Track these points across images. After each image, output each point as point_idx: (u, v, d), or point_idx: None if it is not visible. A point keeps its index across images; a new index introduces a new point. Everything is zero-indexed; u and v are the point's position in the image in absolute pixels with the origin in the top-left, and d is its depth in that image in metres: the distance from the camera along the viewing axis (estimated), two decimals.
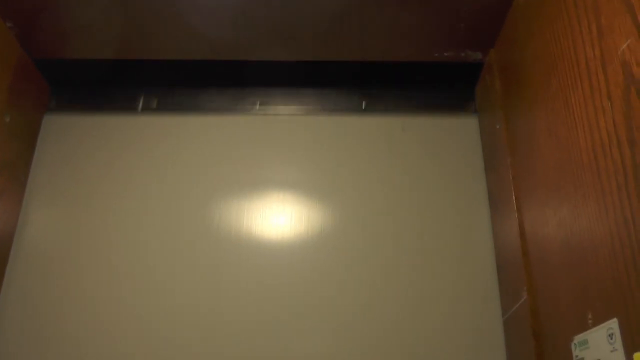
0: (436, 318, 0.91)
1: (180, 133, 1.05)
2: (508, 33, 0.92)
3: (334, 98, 1.07)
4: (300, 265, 0.95)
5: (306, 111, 1.06)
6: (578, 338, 0.65)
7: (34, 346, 0.90)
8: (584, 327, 0.63)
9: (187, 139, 1.04)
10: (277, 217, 0.98)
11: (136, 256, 0.95)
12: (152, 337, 0.90)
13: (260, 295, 0.93)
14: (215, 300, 0.92)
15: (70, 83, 1.08)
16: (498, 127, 0.93)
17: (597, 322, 0.61)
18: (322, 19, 0.93)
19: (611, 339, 0.57)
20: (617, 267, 0.57)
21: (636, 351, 0.53)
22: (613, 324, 0.57)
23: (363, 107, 1.06)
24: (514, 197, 0.86)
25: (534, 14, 0.81)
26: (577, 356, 0.65)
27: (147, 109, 1.07)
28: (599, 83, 0.61)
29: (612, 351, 0.57)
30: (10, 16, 0.92)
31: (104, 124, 1.05)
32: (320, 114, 1.06)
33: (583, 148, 0.65)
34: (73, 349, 0.89)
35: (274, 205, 0.99)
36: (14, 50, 0.95)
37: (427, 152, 1.03)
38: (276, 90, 1.08)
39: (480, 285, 0.93)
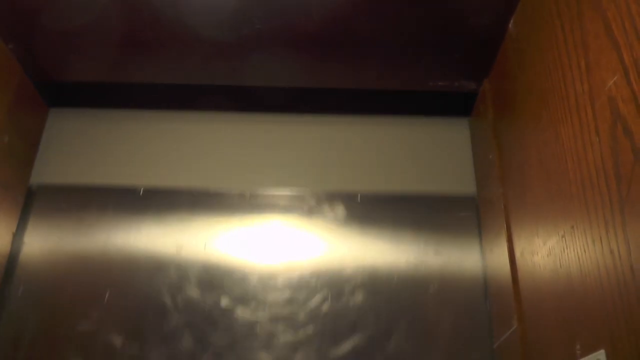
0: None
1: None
2: (501, 64, 0.94)
3: (325, 125, 1.09)
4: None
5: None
6: None
7: None
8: (573, 357, 0.64)
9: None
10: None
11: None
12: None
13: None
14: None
15: (68, 105, 1.09)
16: (491, 157, 0.95)
17: (585, 352, 0.61)
18: (317, 46, 0.94)
19: None
20: (605, 298, 0.58)
21: None
22: (600, 355, 0.57)
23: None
24: (505, 226, 0.87)
25: (526, 47, 0.83)
26: None
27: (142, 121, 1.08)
28: (588, 118, 0.63)
29: None
30: (11, 38, 0.93)
31: (101, 142, 1.06)
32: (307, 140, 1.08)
33: (572, 180, 0.66)
34: None
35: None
36: (14, 71, 0.97)
37: (419, 179, 1.04)
38: (269, 115, 1.10)
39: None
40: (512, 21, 0.88)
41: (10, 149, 0.95)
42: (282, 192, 1.02)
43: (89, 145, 1.06)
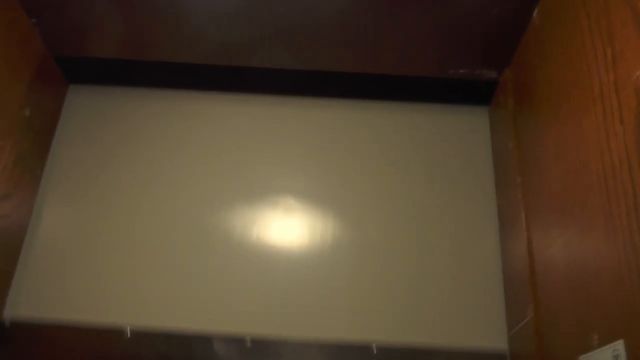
0: (443, 332, 0.92)
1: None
2: (523, 54, 0.93)
3: (343, 110, 1.08)
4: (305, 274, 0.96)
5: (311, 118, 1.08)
6: (583, 358, 0.65)
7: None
8: (589, 348, 0.64)
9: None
10: (284, 223, 0.99)
11: (147, 254, 0.96)
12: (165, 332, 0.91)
13: (267, 302, 0.94)
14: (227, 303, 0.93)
15: (88, 80, 1.09)
16: (510, 146, 0.94)
17: (602, 342, 0.61)
18: (337, 30, 0.94)
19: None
20: (624, 290, 0.57)
21: None
22: (619, 345, 0.57)
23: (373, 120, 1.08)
24: (523, 216, 0.87)
25: (549, 37, 0.82)
26: None
27: (161, 100, 1.08)
28: (612, 108, 0.62)
29: None
30: (35, 12, 0.94)
31: (121, 121, 1.07)
32: (326, 125, 1.07)
33: (593, 171, 0.66)
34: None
35: (283, 208, 1.00)
36: (36, 46, 0.97)
37: (438, 168, 1.04)
38: (284, 98, 1.09)
39: (487, 301, 0.94)
40: (536, 10, 0.87)
41: (30, 123, 0.96)
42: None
43: (108, 122, 1.07)
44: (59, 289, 0.94)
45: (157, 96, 1.09)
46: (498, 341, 0.91)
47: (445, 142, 1.06)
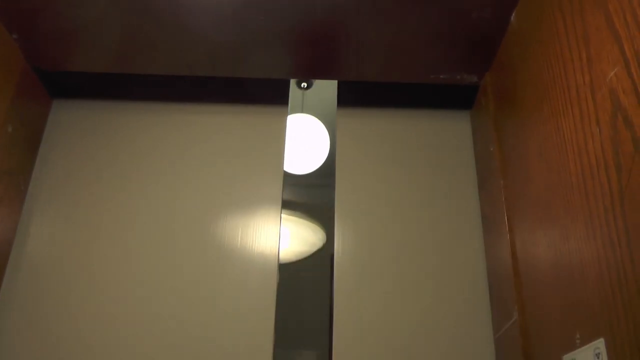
0: (428, 335, 0.92)
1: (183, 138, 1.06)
2: (503, 57, 0.94)
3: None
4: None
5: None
6: (567, 357, 0.66)
7: (30, 354, 0.90)
8: (573, 346, 0.64)
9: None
10: (276, 229, 1.00)
11: (135, 267, 0.96)
12: (146, 353, 0.91)
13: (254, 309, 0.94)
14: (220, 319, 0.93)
15: (72, 95, 1.09)
16: (491, 149, 0.95)
17: (584, 341, 0.62)
18: (320, 38, 0.95)
19: (598, 358, 0.58)
20: (604, 288, 0.58)
21: None
22: (600, 343, 0.58)
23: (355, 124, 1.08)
24: (506, 218, 0.87)
25: (528, 40, 0.83)
26: None
27: (146, 113, 1.08)
28: (589, 109, 0.63)
29: None
30: (15, 28, 0.94)
31: (106, 135, 1.07)
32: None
33: (572, 171, 0.67)
34: (69, 358, 0.90)
35: (272, 216, 1.01)
36: (18, 61, 0.97)
37: (421, 172, 1.05)
38: (271, 107, 1.10)
39: (473, 304, 0.95)
40: (514, 14, 0.89)
41: (14, 139, 0.96)
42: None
43: (92, 136, 1.07)
44: (44, 304, 0.94)
45: (141, 109, 1.09)
46: (484, 344, 0.91)
47: (428, 147, 1.07)
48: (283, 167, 1.04)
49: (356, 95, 1.08)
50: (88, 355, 0.90)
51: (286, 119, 1.09)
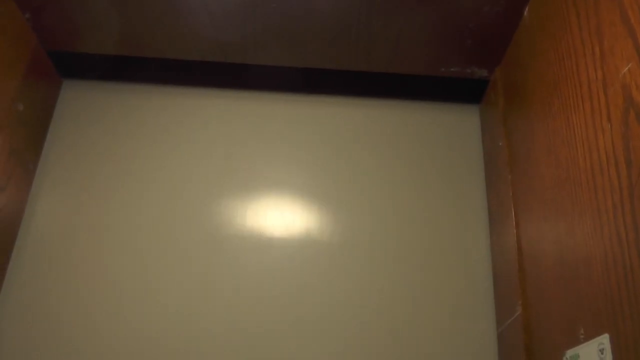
0: (431, 328, 0.93)
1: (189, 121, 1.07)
2: (514, 52, 0.94)
3: (335, 106, 1.09)
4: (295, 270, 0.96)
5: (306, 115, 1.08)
6: (570, 352, 0.66)
7: (37, 334, 0.91)
8: (576, 342, 0.65)
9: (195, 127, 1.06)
10: (278, 217, 1.00)
11: (140, 250, 0.97)
12: (150, 336, 0.91)
13: (259, 297, 0.94)
14: (221, 303, 0.94)
15: (82, 75, 1.10)
16: (500, 144, 0.95)
17: (588, 336, 0.62)
18: (329, 28, 0.95)
19: (602, 353, 0.58)
20: (610, 283, 0.58)
21: None
22: (604, 339, 0.58)
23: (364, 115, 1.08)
24: (513, 213, 0.87)
25: (539, 34, 0.83)
26: None
27: (156, 96, 1.09)
28: (600, 104, 0.63)
29: None
30: (27, 7, 0.94)
31: (115, 117, 1.07)
32: (320, 122, 1.08)
33: (582, 167, 0.66)
34: (75, 339, 0.91)
35: (274, 204, 1.01)
36: (30, 41, 0.98)
37: (429, 165, 1.05)
38: (278, 94, 1.10)
39: (477, 298, 0.95)
40: (527, 8, 0.88)
41: (23, 117, 0.96)
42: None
43: (102, 117, 1.07)
44: (51, 283, 0.94)
45: (151, 92, 1.09)
46: (487, 338, 0.91)
47: (437, 140, 1.07)
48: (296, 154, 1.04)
49: (363, 85, 1.08)
50: (94, 336, 0.91)
51: (295, 107, 1.09)
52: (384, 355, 0.91)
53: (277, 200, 1.01)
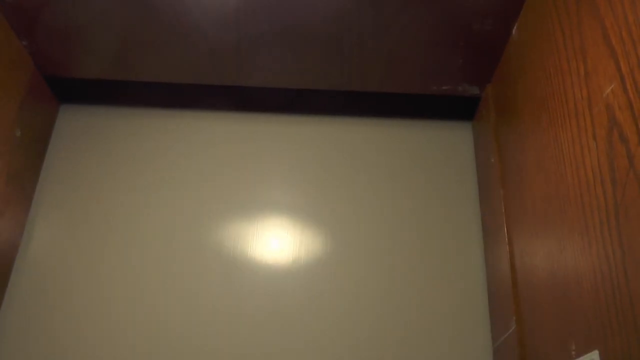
0: (428, 344, 0.93)
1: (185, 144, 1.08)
2: (504, 69, 0.95)
3: (328, 126, 1.10)
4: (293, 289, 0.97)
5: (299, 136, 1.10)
6: None
7: (34, 358, 0.91)
8: (568, 358, 0.65)
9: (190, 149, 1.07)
10: (272, 238, 1.00)
11: (140, 272, 0.97)
12: (150, 356, 0.92)
13: (256, 318, 0.95)
14: (214, 325, 0.94)
15: (79, 100, 1.11)
16: (492, 160, 0.96)
17: (579, 353, 0.62)
18: (321, 48, 0.96)
19: None
20: (599, 299, 0.59)
21: None
22: (594, 355, 0.59)
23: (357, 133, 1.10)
24: (505, 229, 0.88)
25: (528, 52, 0.84)
26: None
27: (152, 120, 1.10)
28: (586, 123, 0.64)
29: None
30: (25, 35, 0.95)
31: (113, 140, 1.08)
32: (313, 142, 1.09)
33: (570, 184, 0.67)
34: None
35: (270, 224, 1.02)
36: (28, 67, 0.99)
37: (423, 182, 1.05)
38: (273, 115, 1.11)
39: (472, 314, 0.95)
40: (515, 26, 0.90)
41: (21, 142, 0.98)
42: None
43: (99, 141, 1.08)
44: (48, 307, 0.95)
45: (147, 115, 1.11)
46: (483, 354, 0.92)
47: (431, 158, 1.08)
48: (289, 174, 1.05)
49: (356, 105, 1.09)
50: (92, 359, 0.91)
51: (290, 127, 1.10)
52: None
53: (271, 220, 1.02)
